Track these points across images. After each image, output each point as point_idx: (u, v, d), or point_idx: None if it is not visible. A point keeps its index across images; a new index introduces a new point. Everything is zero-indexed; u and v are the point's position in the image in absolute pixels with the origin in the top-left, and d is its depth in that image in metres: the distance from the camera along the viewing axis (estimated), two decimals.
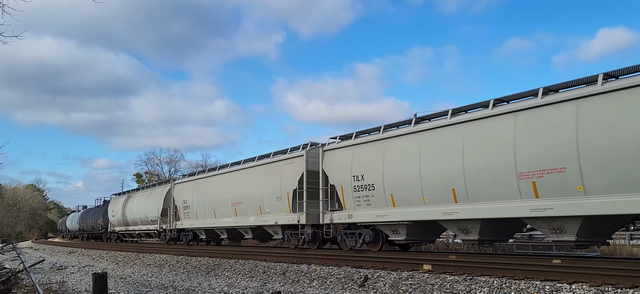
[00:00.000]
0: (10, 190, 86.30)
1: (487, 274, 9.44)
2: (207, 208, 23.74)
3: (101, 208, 43.77)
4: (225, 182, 22.76)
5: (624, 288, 7.41)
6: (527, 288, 8.20)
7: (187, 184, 26.61)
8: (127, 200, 35.34)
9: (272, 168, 19.40)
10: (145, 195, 32.58)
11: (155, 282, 13.96)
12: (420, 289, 9.39)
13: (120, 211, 35.96)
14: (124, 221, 35.32)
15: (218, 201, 22.83)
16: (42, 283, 14.23)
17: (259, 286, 11.85)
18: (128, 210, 34.43)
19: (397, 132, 14.71)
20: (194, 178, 26.30)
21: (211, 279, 13.67)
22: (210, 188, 23.87)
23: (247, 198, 20.50)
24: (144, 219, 31.39)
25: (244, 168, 21.54)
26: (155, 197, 30.13)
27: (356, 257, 14.03)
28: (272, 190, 19.01)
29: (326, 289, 10.73)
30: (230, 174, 22.60)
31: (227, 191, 22.21)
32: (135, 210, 33.01)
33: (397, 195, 14.22)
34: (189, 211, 25.51)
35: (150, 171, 66.96)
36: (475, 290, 8.69)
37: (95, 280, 8.23)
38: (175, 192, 27.66)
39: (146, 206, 31.17)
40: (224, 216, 22.30)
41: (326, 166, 17.02)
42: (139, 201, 32.92)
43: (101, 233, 42.13)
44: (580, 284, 7.86)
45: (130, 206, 34.30)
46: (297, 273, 12.58)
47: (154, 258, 20.22)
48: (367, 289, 10.19)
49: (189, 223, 25.75)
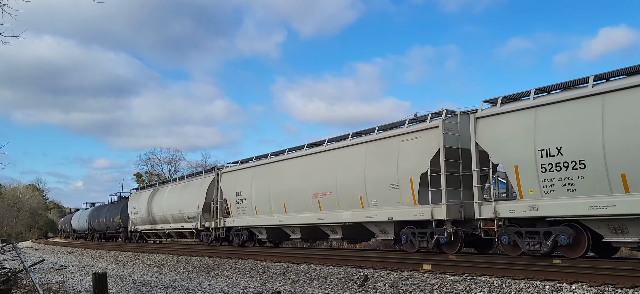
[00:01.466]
0: (10, 190, 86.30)
1: (487, 274, 9.44)
2: (273, 202, 19.54)
3: (118, 205, 39.98)
4: (301, 168, 18.31)
5: (624, 288, 7.41)
6: (527, 288, 8.20)
7: (241, 172, 22.07)
8: (153, 194, 30.92)
9: (383, 146, 15.07)
10: (180, 188, 27.90)
11: (155, 282, 13.97)
12: (420, 289, 9.40)
13: (144, 207, 31.61)
14: (150, 218, 31.00)
15: (291, 192, 18.56)
16: (42, 283, 14.23)
17: (259, 286, 11.86)
18: (155, 206, 30.13)
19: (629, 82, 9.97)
20: (251, 165, 21.58)
21: (211, 279, 13.67)
22: (278, 176, 19.48)
23: (340, 187, 16.31)
24: (178, 216, 27.16)
25: (333, 148, 17.12)
26: (194, 190, 25.75)
27: (356, 257, 14.03)
28: (383, 175, 14.78)
29: (326, 289, 10.74)
30: (310, 157, 18.10)
31: (305, 179, 17.91)
32: (166, 206, 28.61)
33: (632, 175, 9.72)
34: (245, 206, 21.31)
35: (150, 171, 66.97)
36: (475, 290, 8.69)
37: (95, 280, 8.23)
38: (223, 183, 23.28)
39: (181, 201, 26.84)
40: (300, 210, 18.11)
41: (484, 138, 12.43)
42: (171, 195, 28.51)
43: (118, 232, 38.28)
44: (580, 284, 7.87)
45: (158, 201, 29.91)
46: (297, 272, 12.59)
47: (154, 258, 20.22)
48: (367, 289, 10.19)
49: (244, 220, 21.49)
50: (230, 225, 22.65)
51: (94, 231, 45.65)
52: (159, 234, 31.34)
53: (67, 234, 59.84)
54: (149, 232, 32.43)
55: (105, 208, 43.59)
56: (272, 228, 20.37)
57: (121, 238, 38.41)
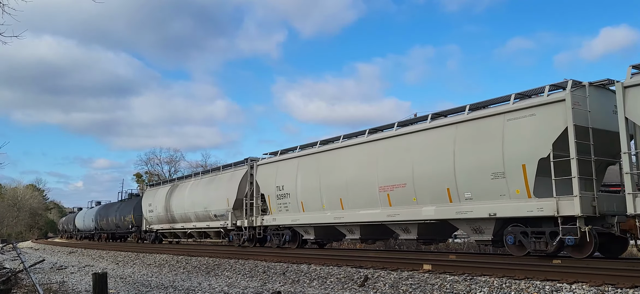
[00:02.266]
0: (10, 190, 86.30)
1: (487, 274, 9.44)
2: (326, 196, 16.97)
3: (130, 202, 37.11)
4: (364, 156, 15.74)
5: (624, 288, 7.41)
6: (527, 288, 8.20)
7: (283, 164, 19.62)
8: (172, 191, 28.27)
9: (479, 128, 12.64)
10: (204, 183, 25.26)
11: (155, 282, 13.97)
12: (420, 289, 9.40)
13: (161, 204, 28.96)
14: (168, 217, 28.30)
15: (350, 185, 16.09)
16: (42, 283, 14.24)
17: (259, 286, 11.86)
18: (175, 203, 27.37)
19: None
20: (296, 155, 19.03)
21: (211, 279, 13.67)
22: (333, 166, 16.87)
23: (419, 178, 13.88)
24: (203, 214, 24.52)
25: (408, 132, 14.61)
26: (222, 185, 23.16)
27: (356, 257, 14.03)
28: (481, 163, 12.41)
29: (326, 289, 10.74)
30: (375, 144, 15.49)
31: (369, 169, 15.41)
32: (188, 203, 25.93)
33: None
34: (288, 202, 18.81)
35: (150, 171, 66.98)
36: (475, 290, 8.69)
37: (95, 280, 8.23)
38: (259, 176, 20.87)
39: (206, 197, 24.19)
40: (362, 206, 15.65)
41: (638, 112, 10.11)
42: (194, 191, 25.82)
43: (131, 232, 35.69)
44: (580, 284, 7.87)
45: (178, 198, 27.19)
46: (297, 273, 12.59)
47: (154, 258, 20.22)
48: (367, 289, 10.19)
49: (286, 218, 19.10)
50: (269, 223, 20.11)
51: (101, 230, 43.05)
52: (177, 234, 28.71)
53: (69, 234, 58.07)
54: (167, 232, 29.61)
55: (114, 206, 40.81)
56: (323, 226, 17.86)
57: (133, 238, 36.10)
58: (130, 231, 35.97)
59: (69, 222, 58.46)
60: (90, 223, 45.82)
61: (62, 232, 63.32)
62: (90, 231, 46.49)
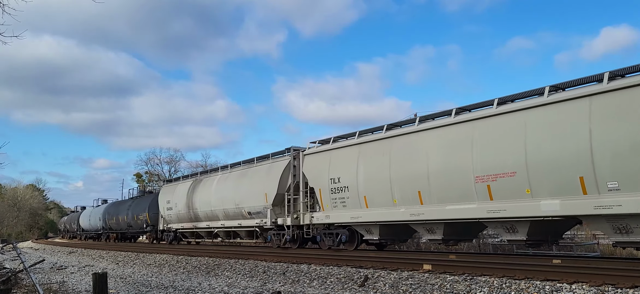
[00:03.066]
0: (10, 190, 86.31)
1: (487, 274, 9.45)
2: (399, 189, 14.35)
3: (144, 199, 34.47)
4: (453, 140, 13.08)
5: (624, 288, 7.41)
6: (527, 288, 8.20)
7: (339, 153, 16.79)
8: (195, 186, 25.72)
9: (628, 100, 9.99)
10: (235, 177, 22.51)
11: (155, 282, 13.97)
12: (420, 289, 9.40)
13: (182, 201, 26.30)
14: (191, 215, 25.66)
15: (433, 175, 13.38)
16: (42, 283, 14.24)
17: (259, 286, 11.86)
18: (199, 200, 24.79)
19: None
20: (357, 141, 16.17)
21: (211, 279, 13.67)
22: (409, 153, 14.18)
23: (535, 165, 11.27)
24: (234, 211, 21.86)
25: (516, 109, 11.89)
26: (259, 178, 20.43)
27: (356, 257, 14.03)
28: (634, 143, 9.83)
29: (326, 289, 10.74)
30: (466, 125, 12.82)
31: (460, 155, 12.72)
32: (215, 200, 23.33)
33: None
34: (346, 196, 16.14)
35: (150, 171, 66.99)
36: (475, 290, 8.69)
37: (95, 280, 8.23)
38: (307, 167, 18.08)
39: (239, 193, 21.54)
40: (450, 200, 13.00)
41: None
42: (223, 185, 23.15)
43: (144, 231, 33.13)
44: (580, 284, 7.87)
45: (203, 194, 24.61)
46: (297, 273, 12.59)
47: (154, 258, 20.23)
48: (367, 289, 10.19)
49: (343, 215, 16.33)
50: (320, 221, 17.44)
51: (110, 230, 40.25)
52: (201, 234, 26.34)
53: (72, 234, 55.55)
54: (189, 231, 27.06)
55: (125, 204, 37.79)
56: (391, 225, 15.29)
57: (148, 239, 33.23)
58: (144, 231, 33.25)
59: (72, 221, 56.34)
60: (97, 223, 43.32)
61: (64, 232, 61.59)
62: (97, 230, 44.06)
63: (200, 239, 27.09)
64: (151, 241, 31.88)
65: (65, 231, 60.97)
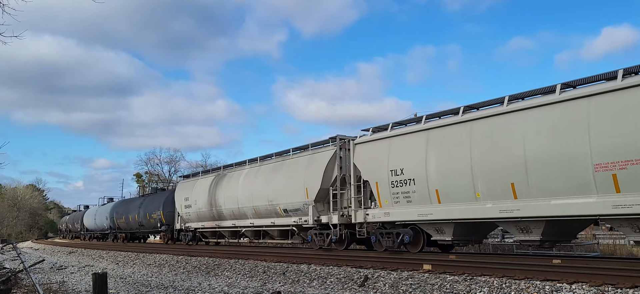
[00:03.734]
0: (10, 190, 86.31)
1: (487, 274, 9.45)
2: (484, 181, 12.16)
3: (157, 197, 32.31)
4: (557, 122, 10.97)
5: (624, 288, 7.42)
6: (527, 288, 8.20)
7: (400, 141, 14.61)
8: (218, 181, 23.58)
9: None
10: (268, 171, 20.20)
11: (155, 282, 13.98)
12: (420, 289, 9.40)
13: (203, 198, 24.10)
14: (214, 213, 23.47)
15: (532, 163, 11.21)
16: (42, 283, 14.24)
17: (259, 286, 11.86)
18: (223, 196, 22.56)
19: None
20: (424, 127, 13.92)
21: (211, 279, 13.68)
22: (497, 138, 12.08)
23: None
24: (267, 208, 19.55)
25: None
26: (298, 171, 18.17)
27: (356, 257, 14.04)
28: None
29: (326, 289, 10.74)
30: (578, 103, 10.63)
31: (569, 140, 10.62)
32: (243, 196, 21.05)
33: None
34: (411, 190, 13.97)
35: (150, 171, 67.03)
36: (475, 290, 8.70)
37: (95, 280, 8.23)
38: (359, 157, 15.98)
39: (272, 188, 19.25)
40: (557, 193, 10.84)
41: None
42: (253, 180, 20.80)
43: (159, 231, 30.73)
44: (580, 284, 7.87)
45: (228, 189, 22.37)
46: (297, 273, 12.59)
47: (154, 258, 20.23)
48: (367, 289, 10.20)
49: (409, 212, 14.12)
50: (378, 219, 15.20)
51: (118, 230, 38.13)
52: (224, 233, 24.18)
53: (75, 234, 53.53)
54: (210, 231, 24.97)
55: (136, 202, 35.65)
56: (472, 223, 13.10)
57: (162, 239, 31.07)
58: (158, 231, 30.93)
59: (74, 221, 54.28)
60: (104, 222, 41.08)
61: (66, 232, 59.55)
62: (103, 230, 42.08)
63: (223, 239, 25.03)
64: (165, 242, 29.55)
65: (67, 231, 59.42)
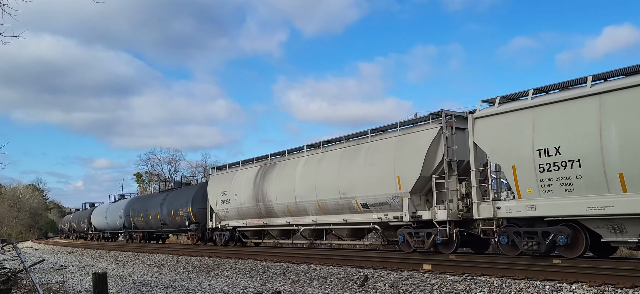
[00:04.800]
0: (10, 190, 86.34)
1: (487, 274, 9.45)
2: None
3: (184, 192, 28.81)
4: None
5: (624, 288, 7.42)
6: (527, 288, 8.21)
7: (551, 110, 11.37)
8: (267, 171, 20.32)
9: None
10: (338, 156, 16.89)
11: (155, 282, 13.98)
12: (420, 289, 9.40)
13: (246, 192, 21.14)
14: (260, 209, 20.38)
15: None
16: (42, 283, 14.25)
17: (259, 286, 11.86)
18: (273, 189, 19.51)
19: None
20: (592, 90, 10.72)
21: (211, 279, 13.68)
22: None
23: None
24: (338, 203, 16.44)
25: None
26: (385, 156, 14.99)
27: (356, 257, 14.03)
28: None
29: (326, 289, 10.74)
30: None
31: None
32: (302, 188, 17.99)
33: None
34: (576, 175, 10.76)
35: (150, 171, 67.05)
36: (475, 290, 8.70)
37: (95, 280, 8.24)
38: (482, 135, 12.77)
39: (346, 177, 16.11)
40: None
41: None
42: (315, 169, 17.65)
43: (187, 230, 27.16)
44: (580, 284, 7.88)
45: (280, 181, 19.26)
46: (297, 272, 12.59)
47: (154, 258, 20.23)
48: (367, 289, 10.20)
49: (567, 205, 10.98)
50: (518, 213, 11.91)
51: (134, 229, 35.02)
52: (274, 233, 21.28)
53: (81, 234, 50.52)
54: (254, 230, 21.76)
55: (157, 198, 32.32)
56: None
57: (190, 239, 27.45)
58: (186, 229, 27.48)
59: (80, 220, 50.66)
60: (116, 220, 37.90)
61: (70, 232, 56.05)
62: (116, 230, 39.00)
63: (271, 239, 22.24)
64: (194, 242, 26.45)
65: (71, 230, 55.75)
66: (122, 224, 37.11)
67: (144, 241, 34.20)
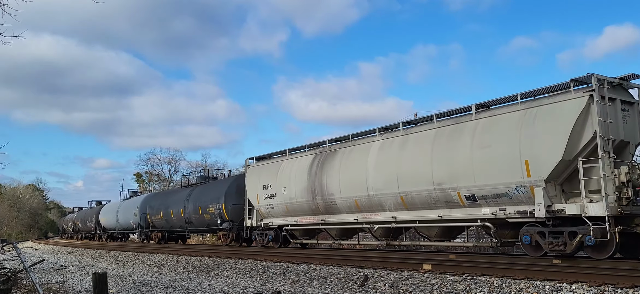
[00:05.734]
0: (10, 190, 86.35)
1: (487, 274, 9.45)
2: None
3: (215, 186, 25.66)
4: None
5: (624, 288, 7.42)
6: (527, 288, 8.21)
7: None
8: (323, 160, 17.38)
9: None
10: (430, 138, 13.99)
11: (155, 282, 13.98)
12: (420, 289, 9.40)
13: (298, 184, 18.23)
14: (317, 204, 17.42)
15: None
16: (42, 283, 14.25)
17: (259, 286, 11.86)
18: (337, 180, 16.56)
19: None
20: None
21: (211, 279, 13.68)
22: None
23: None
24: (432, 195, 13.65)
25: None
26: (503, 135, 12.23)
27: (356, 257, 14.03)
28: None
29: (326, 289, 10.74)
30: None
31: None
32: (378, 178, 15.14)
33: None
34: None
35: (150, 171, 67.04)
36: (475, 290, 8.70)
37: (95, 280, 8.24)
38: None
39: (445, 164, 13.31)
40: None
41: None
42: (396, 155, 14.71)
43: (219, 228, 24.12)
44: (580, 284, 7.87)
45: (347, 169, 16.29)
46: (297, 272, 12.59)
47: (154, 258, 20.23)
48: (367, 289, 10.20)
49: None
50: None
51: (152, 228, 32.20)
52: (332, 232, 18.19)
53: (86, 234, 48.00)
54: (307, 228, 18.90)
55: (180, 194, 29.06)
56: None
57: (222, 240, 24.27)
58: (217, 228, 24.54)
59: (87, 219, 47.63)
60: (130, 219, 35.29)
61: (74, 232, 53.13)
62: (129, 229, 36.67)
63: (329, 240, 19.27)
64: (227, 243, 23.44)
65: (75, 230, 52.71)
66: (136, 223, 34.40)
67: (162, 241, 31.29)
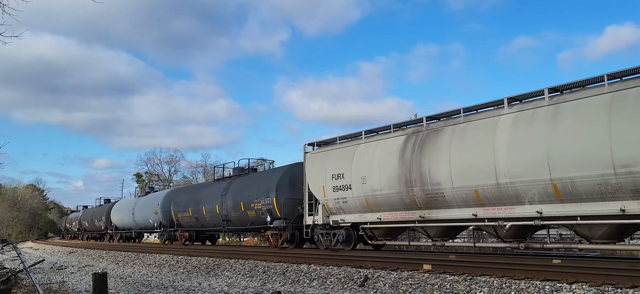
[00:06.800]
0: (10, 190, 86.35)
1: (487, 274, 9.45)
2: None
3: (262, 178, 22.06)
4: None
5: (624, 288, 7.42)
6: (527, 288, 8.21)
7: None
8: (422, 142, 14.07)
9: None
10: (602, 106, 10.36)
11: (155, 282, 13.98)
12: (420, 289, 9.40)
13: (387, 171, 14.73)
14: (416, 197, 13.99)
15: None
16: (42, 283, 14.25)
17: (259, 286, 11.87)
18: (447, 166, 13.17)
19: None
20: None
21: (211, 279, 13.68)
22: None
23: None
24: (609, 182, 10.17)
25: None
26: None
27: (356, 257, 14.03)
28: None
29: (326, 289, 10.75)
30: None
31: None
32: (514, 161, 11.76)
33: None
34: None
35: (150, 171, 67.06)
36: (475, 290, 8.70)
37: (95, 280, 8.24)
38: None
39: (631, 137, 9.82)
40: None
41: None
42: (541, 128, 11.36)
43: (267, 228, 20.56)
44: (580, 284, 7.87)
45: (460, 152, 12.98)
46: (297, 273, 12.59)
47: (154, 258, 20.23)
48: (367, 289, 10.20)
49: None
50: None
51: (177, 228, 28.85)
52: (430, 231, 14.51)
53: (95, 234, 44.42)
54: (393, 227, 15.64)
55: (214, 188, 25.63)
56: None
57: (269, 240, 20.73)
58: (265, 227, 20.91)
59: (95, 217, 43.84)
60: (150, 217, 31.73)
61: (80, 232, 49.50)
62: (149, 229, 33.10)
63: (427, 240, 15.58)
64: (279, 244, 19.91)
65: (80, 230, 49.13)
66: (158, 221, 30.47)
67: (188, 242, 27.81)
